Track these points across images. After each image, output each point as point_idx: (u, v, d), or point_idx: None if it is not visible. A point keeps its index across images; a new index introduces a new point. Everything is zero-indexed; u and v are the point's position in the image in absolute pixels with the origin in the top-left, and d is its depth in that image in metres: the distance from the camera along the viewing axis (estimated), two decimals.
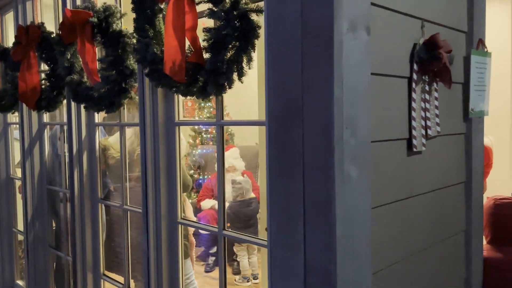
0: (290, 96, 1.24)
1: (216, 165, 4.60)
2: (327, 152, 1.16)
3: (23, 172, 2.88)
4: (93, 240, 2.41)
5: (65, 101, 2.47)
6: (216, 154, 4.49)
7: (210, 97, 1.56)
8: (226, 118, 5.99)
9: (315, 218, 1.19)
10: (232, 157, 4.44)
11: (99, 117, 2.40)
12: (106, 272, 2.48)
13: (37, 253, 2.91)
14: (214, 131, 5.66)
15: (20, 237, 3.32)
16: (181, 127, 1.89)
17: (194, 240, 3.72)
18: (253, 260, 4.04)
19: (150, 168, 1.84)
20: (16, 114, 3.05)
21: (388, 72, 1.38)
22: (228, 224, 4.35)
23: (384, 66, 1.35)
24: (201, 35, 1.50)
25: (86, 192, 2.39)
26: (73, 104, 2.35)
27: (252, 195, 4.16)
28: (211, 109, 5.49)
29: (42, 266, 2.92)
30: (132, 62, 1.96)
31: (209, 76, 1.48)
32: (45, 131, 2.90)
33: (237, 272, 4.22)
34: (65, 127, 2.79)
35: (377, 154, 1.32)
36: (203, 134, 5.63)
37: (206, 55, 1.50)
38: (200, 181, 5.48)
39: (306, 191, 1.21)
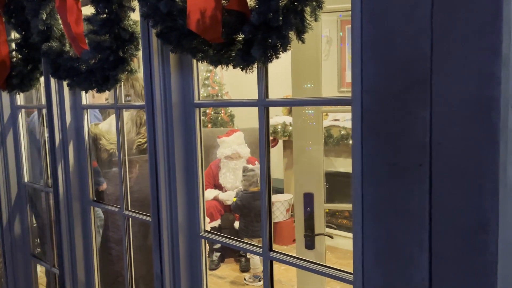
0: (408, 56, 0.77)
1: (218, 151, 4.12)
2: (480, 145, 0.71)
3: None
4: (85, 252, 1.94)
5: (42, 78, 1.96)
6: (217, 139, 4.00)
7: (254, 65, 1.09)
8: (225, 97, 5.49)
9: (455, 250, 0.75)
10: (237, 143, 3.97)
11: (87, 97, 1.90)
12: None
13: (16, 263, 2.43)
14: (212, 113, 5.15)
15: None
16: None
17: None
18: (256, 260, 3.63)
19: (162, 164, 1.37)
20: None
21: None
22: (237, 216, 3.91)
23: None
24: None
25: (75, 192, 1.91)
26: (53, 81, 1.84)
27: None
28: (209, 88, 4.95)
29: (23, 279, 2.45)
30: (131, 23, 1.46)
31: (255, 33, 1.01)
32: (20, 115, 2.38)
33: (245, 269, 3.81)
34: (44, 111, 2.28)
35: None
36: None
37: (251, 2, 1.03)
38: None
39: (435, 207, 0.77)
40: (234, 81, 4.72)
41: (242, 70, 1.09)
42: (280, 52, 1.03)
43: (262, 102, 1.17)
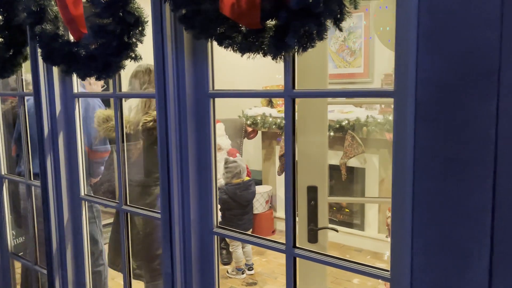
0: (471, 46, 0.74)
1: None
2: None
3: None
4: (75, 250, 1.83)
5: (27, 64, 1.82)
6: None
7: (286, 54, 1.03)
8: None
9: None
10: (218, 134, 3.89)
11: (78, 85, 1.78)
12: None
13: None
14: None
15: None
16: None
17: None
18: (247, 249, 3.59)
19: (174, 158, 1.29)
20: None
21: None
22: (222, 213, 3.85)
23: None
24: None
25: (65, 187, 1.79)
26: (41, 67, 1.71)
27: (246, 176, 3.67)
28: None
29: (1, 277, 2.30)
30: (136, 6, 1.37)
31: (292, 19, 0.95)
32: None
33: (226, 262, 3.76)
34: (26, 99, 2.15)
35: None
36: None
37: None
38: None
39: (498, 205, 0.74)
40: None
41: (273, 58, 1.03)
42: (316, 41, 0.99)
43: (289, 93, 1.12)
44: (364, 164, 4.09)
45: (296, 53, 1.03)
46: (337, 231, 1.84)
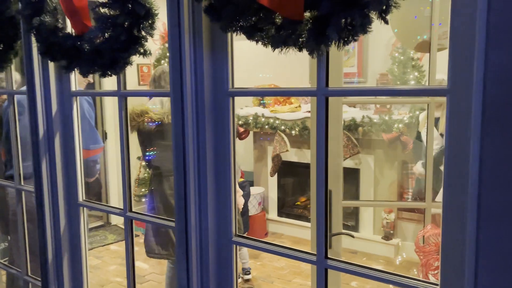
0: None
1: None
2: None
3: None
4: (72, 260, 1.71)
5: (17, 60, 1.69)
6: None
7: (325, 48, 0.94)
8: None
9: None
10: None
11: (76, 82, 1.65)
12: None
13: None
14: None
15: None
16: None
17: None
18: (243, 252, 3.49)
19: (191, 162, 1.19)
20: None
21: None
22: None
23: None
24: None
25: (61, 192, 1.66)
26: (36, 63, 1.58)
27: (240, 178, 3.57)
28: None
29: None
30: None
31: (335, 8, 0.87)
32: None
33: None
34: (17, 98, 2.03)
35: None
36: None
37: None
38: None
39: None
40: None
41: (310, 54, 0.95)
42: (359, 34, 0.90)
43: (322, 91, 1.03)
44: (359, 165, 4.04)
45: (337, 47, 0.94)
46: (353, 236, 1.77)
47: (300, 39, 0.93)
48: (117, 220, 4.84)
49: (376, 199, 3.96)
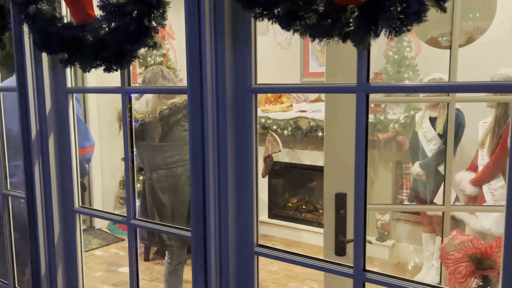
0: None
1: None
2: None
3: None
4: (67, 270, 1.57)
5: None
6: None
7: (374, 39, 0.85)
8: (179, 84, 5.07)
9: None
10: None
11: (72, 79, 1.52)
12: None
13: None
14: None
15: None
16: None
17: None
18: None
19: (212, 165, 1.08)
20: None
21: None
22: None
23: None
24: None
25: (55, 197, 1.53)
26: (28, 57, 1.44)
27: None
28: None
29: None
30: None
31: None
32: None
33: None
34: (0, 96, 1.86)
35: None
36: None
37: None
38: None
39: None
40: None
41: (355, 45, 0.85)
42: (414, 24, 0.81)
43: (363, 87, 0.94)
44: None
45: (387, 38, 0.84)
46: (370, 243, 1.68)
47: (346, 28, 0.83)
48: (101, 224, 4.65)
49: (372, 200, 3.91)
